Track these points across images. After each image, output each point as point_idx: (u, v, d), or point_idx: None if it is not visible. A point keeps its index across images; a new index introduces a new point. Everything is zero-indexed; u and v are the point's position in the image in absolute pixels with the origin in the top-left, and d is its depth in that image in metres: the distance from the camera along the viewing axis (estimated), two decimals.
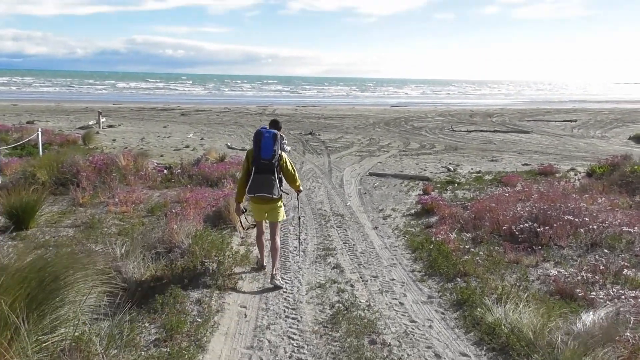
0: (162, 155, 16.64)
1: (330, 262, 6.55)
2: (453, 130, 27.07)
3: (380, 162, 16.48)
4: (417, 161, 16.84)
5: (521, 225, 7.38)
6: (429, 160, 17.19)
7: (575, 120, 33.89)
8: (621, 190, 10.73)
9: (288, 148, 6.05)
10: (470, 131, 26.91)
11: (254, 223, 6.27)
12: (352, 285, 5.65)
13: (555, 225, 7.30)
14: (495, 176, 13.32)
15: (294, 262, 6.54)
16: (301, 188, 6.19)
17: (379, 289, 5.59)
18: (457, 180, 12.78)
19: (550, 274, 6.03)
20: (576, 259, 6.63)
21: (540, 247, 6.96)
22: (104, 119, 27.32)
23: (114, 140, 20.22)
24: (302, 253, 6.95)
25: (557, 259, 6.65)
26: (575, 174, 13.51)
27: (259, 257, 6.27)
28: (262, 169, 5.49)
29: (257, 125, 27.76)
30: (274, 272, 5.71)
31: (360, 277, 5.95)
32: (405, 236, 7.92)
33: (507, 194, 9.73)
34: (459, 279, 5.76)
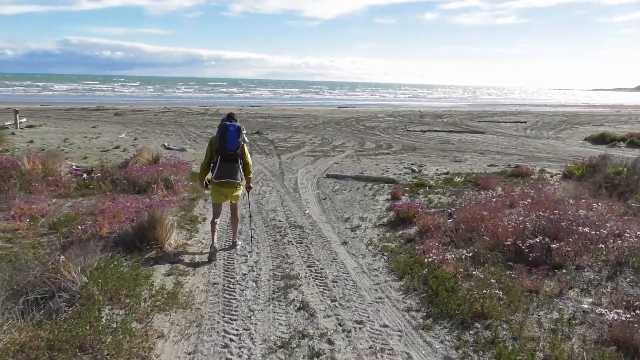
0: (85, 158, 14.30)
1: (294, 298, 4.75)
2: (407, 130, 25.90)
3: (336, 163, 14.85)
4: (376, 162, 15.32)
5: (530, 241, 5.87)
6: (388, 160, 15.73)
7: (525, 122, 33.68)
8: (610, 194, 9.58)
9: (247, 140, 6.34)
10: (424, 131, 25.83)
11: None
12: (330, 342, 3.87)
13: (570, 239, 5.87)
14: (467, 178, 11.96)
15: (243, 300, 4.70)
16: (251, 184, 6.71)
17: (371, 347, 3.84)
18: (427, 183, 11.30)
19: (586, 309, 4.54)
20: (605, 284, 5.18)
21: (556, 268, 5.51)
22: (24, 119, 24.30)
23: (30, 141, 17.50)
24: (254, 284, 5.12)
25: (582, 284, 5.17)
26: (551, 176, 12.36)
27: (211, 238, 6.19)
28: (228, 158, 6.05)
29: (198, 125, 25.61)
30: (235, 239, 6.57)
31: (339, 325, 4.18)
32: (383, 254, 6.25)
33: (493, 200, 8.27)
34: (478, 324, 4.12)
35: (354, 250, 6.49)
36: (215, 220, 6.21)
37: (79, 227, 6.19)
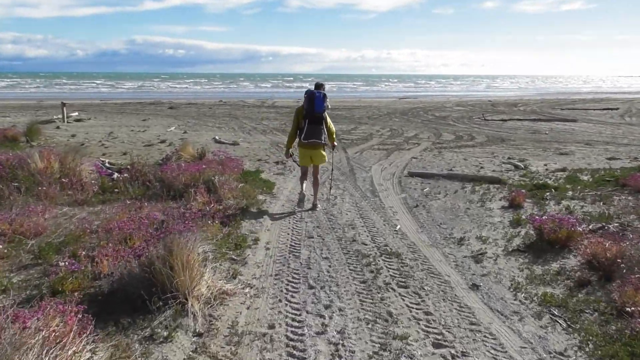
0: (124, 153, 12.41)
1: None
2: (485, 120, 22.77)
3: (414, 158, 12.24)
4: (463, 156, 12.57)
5: None
6: (477, 154, 12.94)
7: (617, 109, 29.56)
8: None
9: (330, 107, 6.82)
10: (505, 120, 22.64)
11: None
12: None
13: None
14: (598, 176, 9.05)
15: None
16: (335, 143, 7.25)
17: None
18: (549, 184, 8.51)
19: None
20: None
21: None
22: (75, 113, 23.20)
23: (73, 135, 15.93)
24: None
25: None
26: None
27: (301, 187, 7.19)
28: (314, 120, 6.73)
29: (254, 117, 23.64)
30: (315, 201, 7.09)
31: None
32: (553, 313, 3.66)
33: None
34: None
35: (496, 302, 3.92)
36: (305, 175, 7.10)
37: (61, 264, 3.97)
